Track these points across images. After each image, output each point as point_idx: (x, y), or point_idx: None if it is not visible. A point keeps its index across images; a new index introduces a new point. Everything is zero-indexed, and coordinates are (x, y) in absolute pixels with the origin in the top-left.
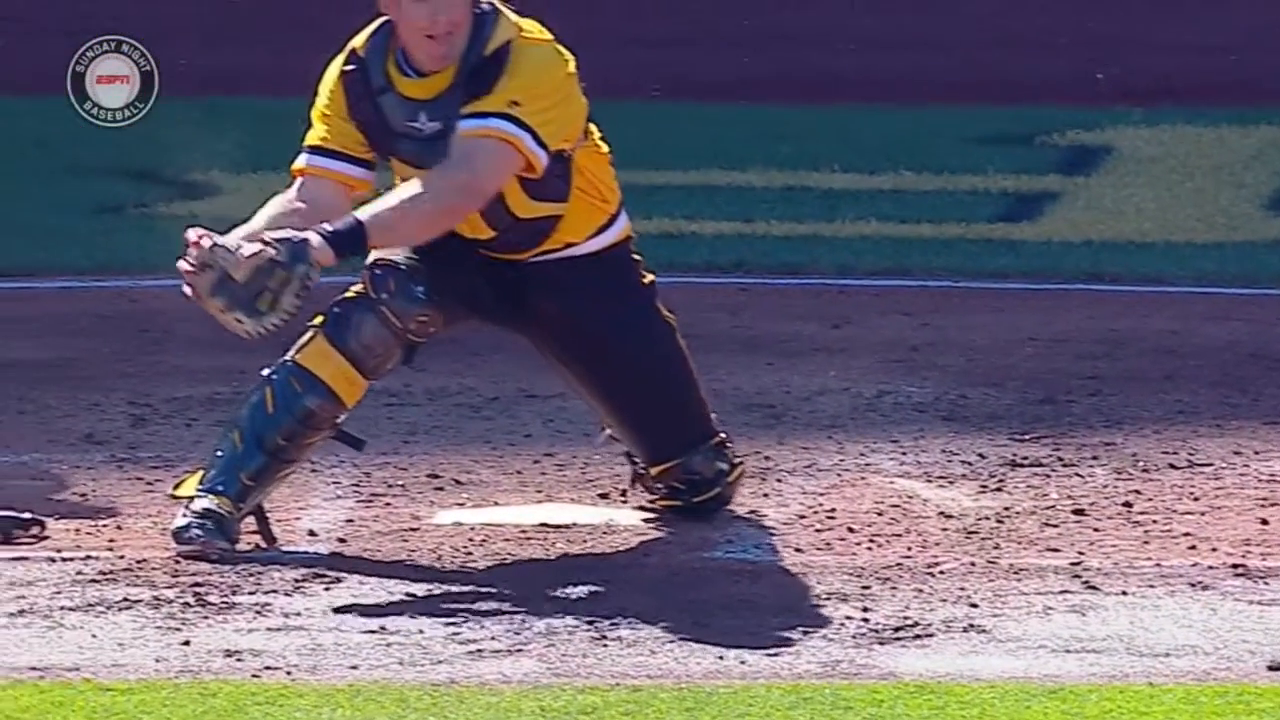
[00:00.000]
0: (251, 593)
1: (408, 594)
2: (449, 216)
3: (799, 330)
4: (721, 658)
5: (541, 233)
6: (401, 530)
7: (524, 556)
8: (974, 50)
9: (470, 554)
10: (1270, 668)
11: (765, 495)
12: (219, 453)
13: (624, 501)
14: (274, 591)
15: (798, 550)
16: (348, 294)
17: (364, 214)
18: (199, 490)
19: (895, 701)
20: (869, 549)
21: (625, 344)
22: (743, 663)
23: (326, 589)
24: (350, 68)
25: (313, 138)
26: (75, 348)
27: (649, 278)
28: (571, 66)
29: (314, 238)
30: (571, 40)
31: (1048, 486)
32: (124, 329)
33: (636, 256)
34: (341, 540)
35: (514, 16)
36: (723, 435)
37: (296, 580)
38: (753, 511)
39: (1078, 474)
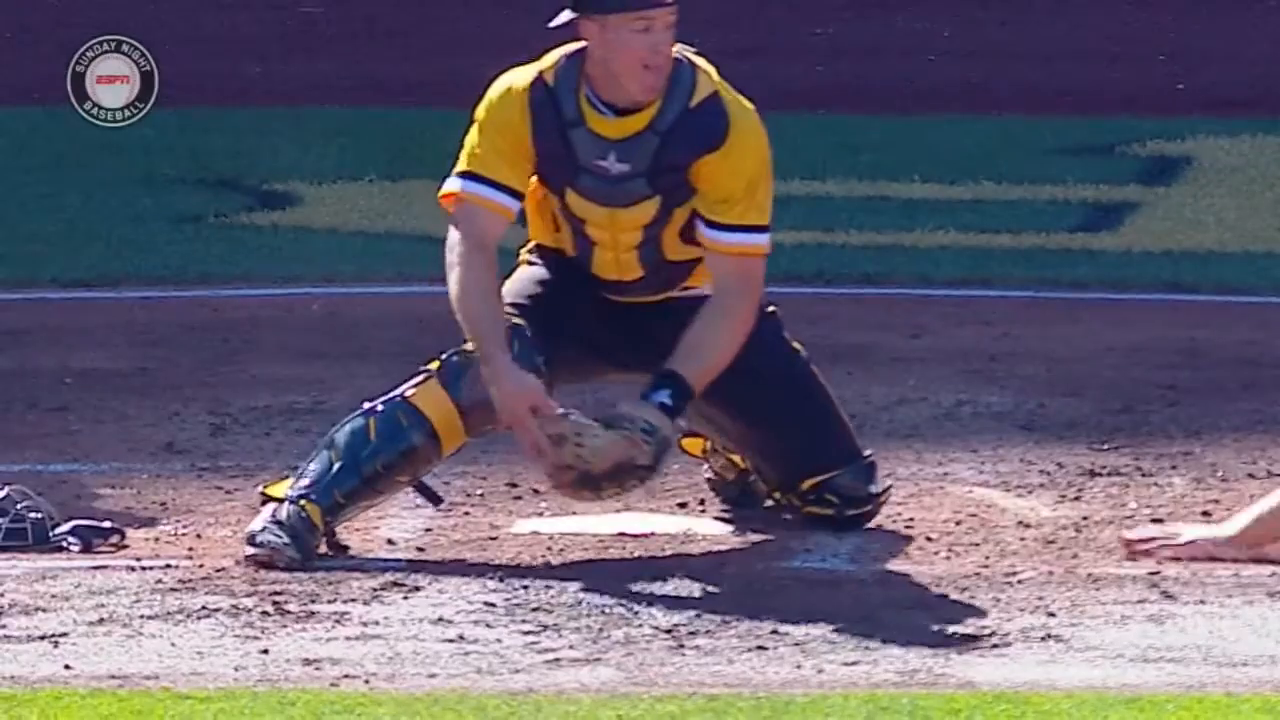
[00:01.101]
0: (330, 601)
1: (486, 603)
2: (741, 343)
3: (878, 340)
4: (799, 666)
5: (681, 274)
6: (480, 539)
7: (602, 565)
8: (1054, 60)
9: (548, 563)
10: None
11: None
12: (312, 467)
13: (702, 511)
14: (353, 600)
15: (875, 560)
16: (467, 346)
17: (686, 372)
18: (290, 494)
19: (973, 711)
20: (947, 558)
21: (767, 366)
22: (820, 671)
23: (405, 598)
24: (538, 95)
25: (477, 165)
26: (155, 357)
27: (771, 308)
28: None
29: (665, 423)
30: None
31: (1126, 496)
32: (204, 338)
33: None
34: (420, 549)
35: (705, 64)
36: (871, 456)
37: (375, 589)
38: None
39: (1156, 484)
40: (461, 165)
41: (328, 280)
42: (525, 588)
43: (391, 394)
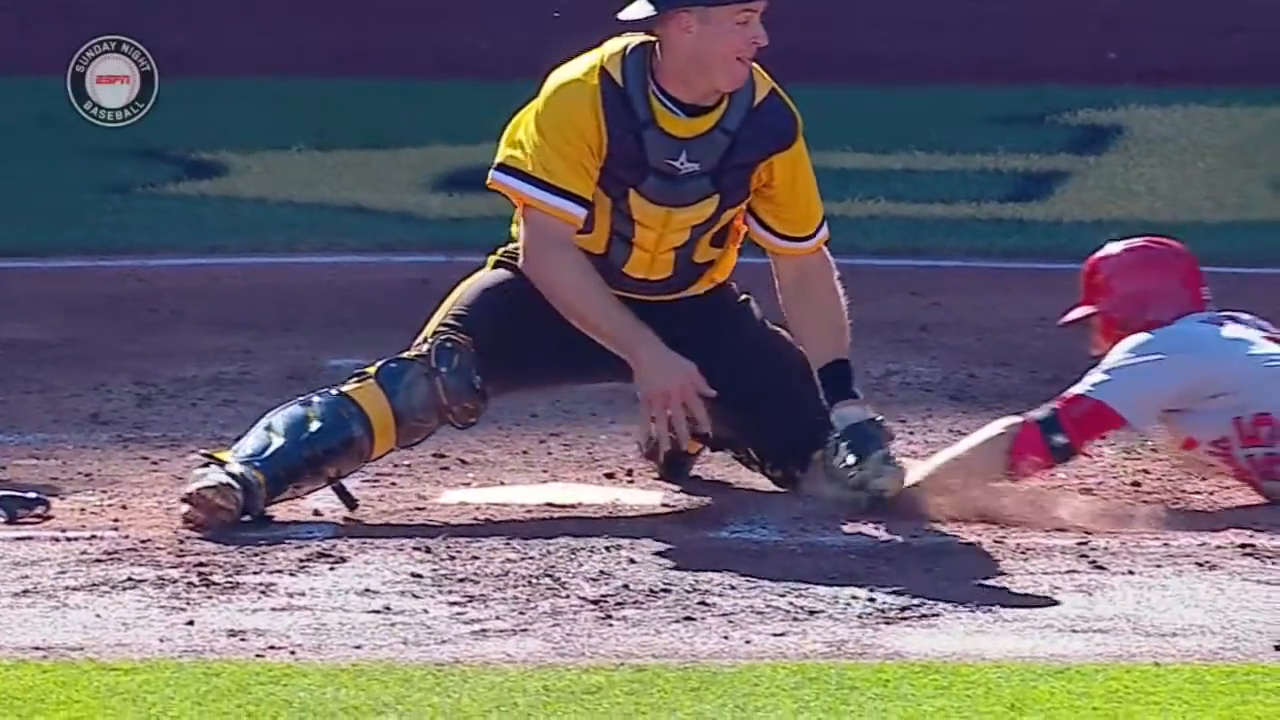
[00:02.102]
0: (256, 572)
1: (412, 574)
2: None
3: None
4: (727, 637)
5: (697, 276)
6: (407, 510)
7: (529, 536)
8: (985, 30)
9: (475, 534)
10: (1277, 647)
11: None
12: (250, 443)
13: (630, 482)
14: (278, 571)
15: (804, 530)
16: (405, 354)
17: (843, 353)
18: (233, 460)
19: (901, 681)
20: (876, 529)
21: (754, 352)
22: (748, 642)
23: (331, 569)
24: (610, 96)
25: (546, 173)
26: (81, 327)
27: (744, 296)
28: None
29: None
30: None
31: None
32: (131, 309)
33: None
34: (346, 520)
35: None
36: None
37: (301, 560)
38: (759, 490)
39: (1085, 454)
40: (528, 168)
41: (255, 250)
42: (452, 559)
43: (327, 390)
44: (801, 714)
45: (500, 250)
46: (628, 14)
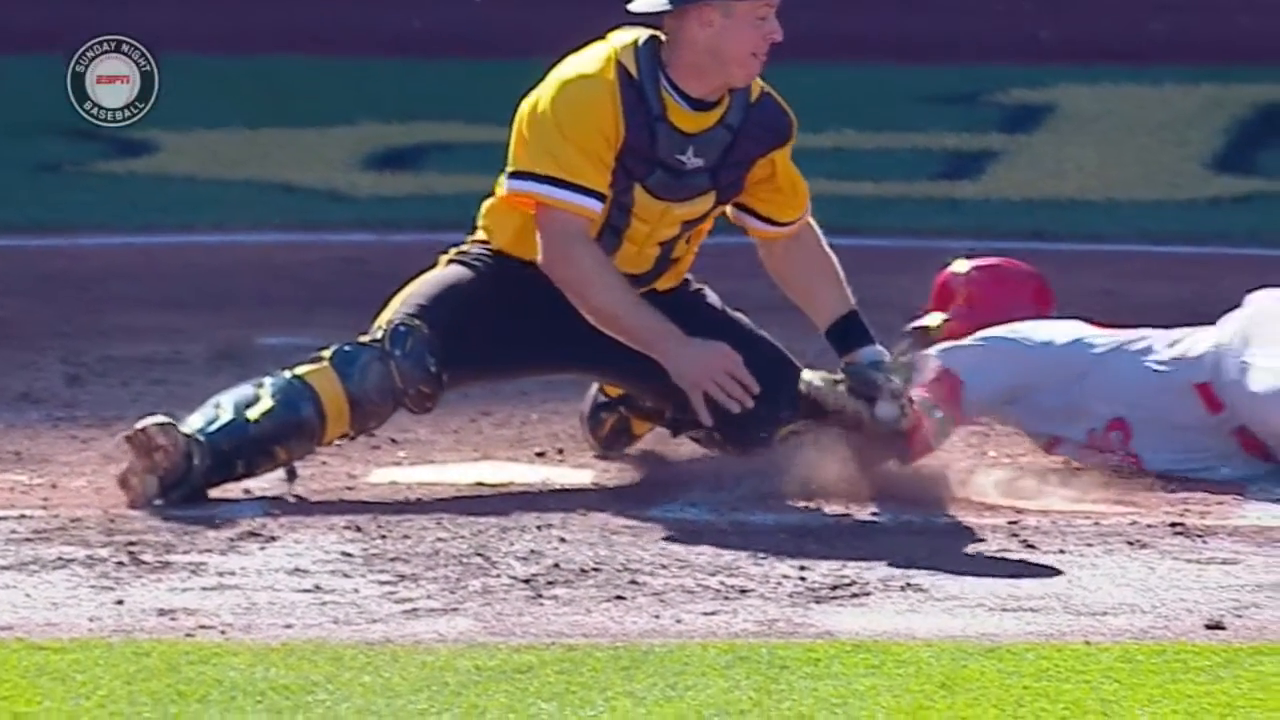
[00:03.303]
0: (186, 551)
1: (343, 553)
2: None
3: (742, 289)
4: (658, 616)
5: (669, 269)
6: (337, 489)
7: (460, 515)
8: (917, 9)
9: (406, 513)
10: (1207, 626)
11: (703, 452)
12: (196, 418)
13: (560, 461)
14: (209, 550)
15: (735, 509)
16: (360, 338)
17: (851, 303)
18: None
19: (832, 660)
20: (806, 508)
21: (730, 330)
22: (679, 621)
23: (261, 548)
24: (626, 88)
25: (564, 171)
26: (10, 306)
27: (697, 286)
28: None
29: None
30: None
31: (986, 445)
32: (61, 287)
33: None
34: (277, 499)
35: None
36: None
37: (231, 539)
38: (690, 470)
39: (1016, 432)
40: (544, 168)
41: (185, 229)
42: (383, 538)
43: (281, 372)
44: (732, 693)
45: (454, 250)
46: (646, 5)
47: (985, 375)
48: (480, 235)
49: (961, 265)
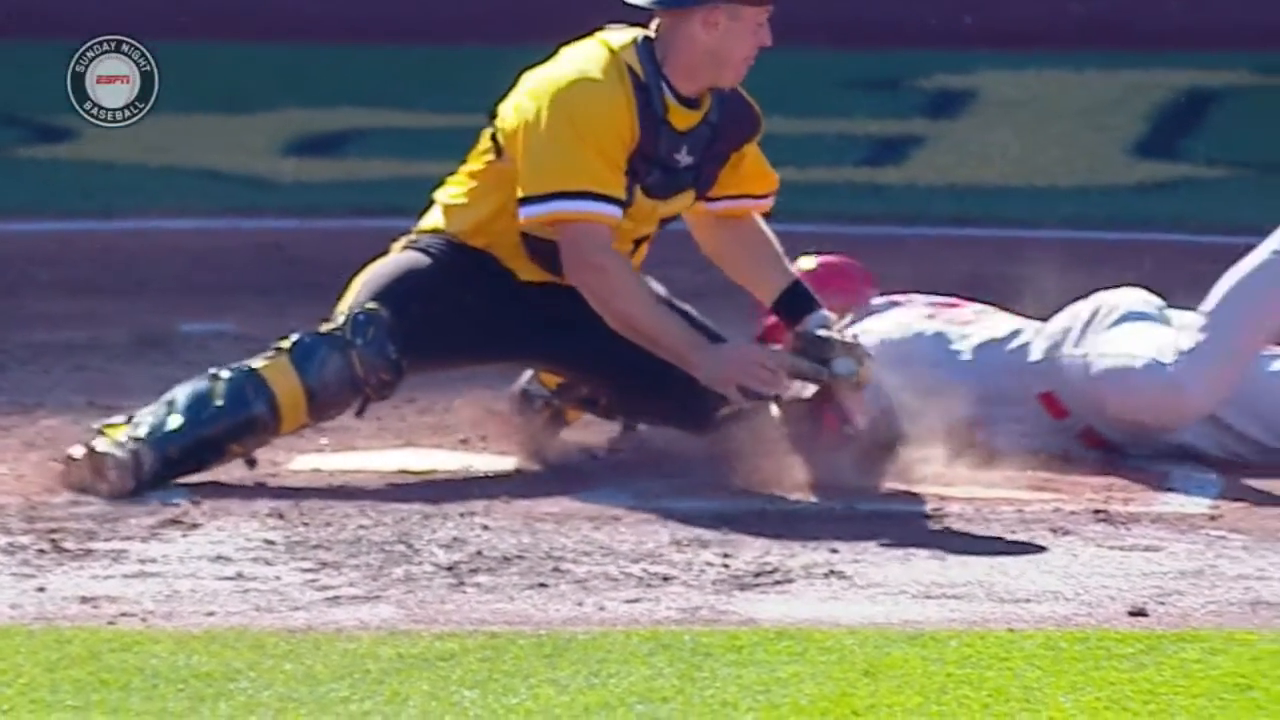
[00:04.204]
0: (108, 539)
1: (265, 540)
2: None
3: (666, 275)
4: (580, 604)
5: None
6: (259, 476)
7: (382, 502)
8: None
9: (329, 500)
10: (1130, 613)
11: (627, 442)
12: (148, 419)
13: (484, 448)
14: (130, 538)
15: (658, 496)
16: (321, 328)
17: (793, 274)
18: (124, 438)
19: (755, 648)
20: (730, 495)
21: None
22: (601, 609)
23: (183, 535)
24: (637, 90)
25: (590, 182)
26: None
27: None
28: None
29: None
30: None
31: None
32: None
33: None
34: (198, 486)
35: None
36: None
37: (153, 527)
38: (613, 457)
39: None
40: (564, 184)
41: (106, 215)
42: (305, 525)
43: (241, 363)
44: (655, 680)
45: (406, 237)
46: (661, 3)
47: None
48: (433, 224)
49: (809, 261)
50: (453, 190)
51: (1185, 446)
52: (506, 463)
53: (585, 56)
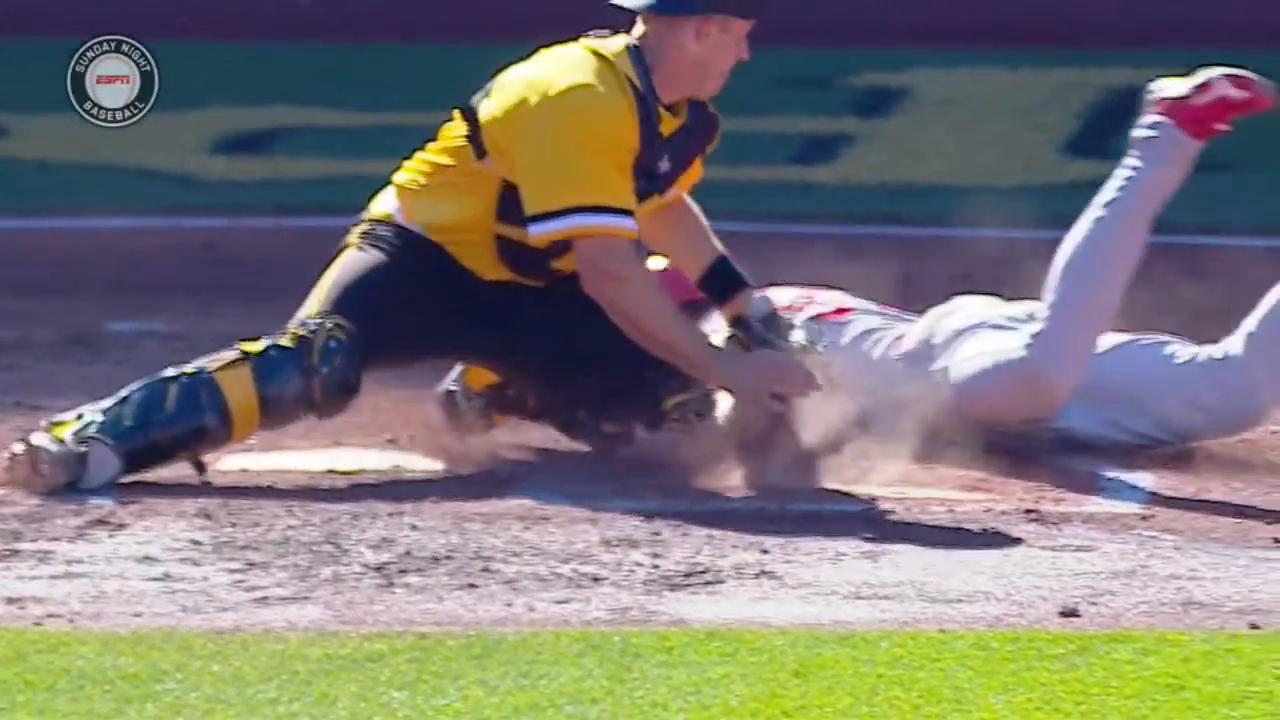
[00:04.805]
0: (34, 539)
1: (193, 541)
2: None
3: None
4: (510, 604)
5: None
6: (187, 476)
7: (310, 502)
8: None
9: (256, 500)
10: (1062, 613)
11: (556, 440)
12: (100, 418)
13: (412, 447)
14: (57, 539)
15: (588, 495)
16: (286, 340)
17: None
18: (69, 436)
19: (685, 649)
20: (660, 495)
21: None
22: (531, 609)
23: (110, 536)
24: (637, 101)
25: (608, 197)
26: None
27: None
28: None
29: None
30: None
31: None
32: None
33: None
34: (126, 486)
35: None
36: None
37: (80, 527)
38: (543, 456)
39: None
40: (580, 199)
41: (36, 213)
42: (233, 525)
43: (200, 365)
44: (585, 681)
45: (358, 231)
46: (636, 2)
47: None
48: (386, 212)
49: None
50: (418, 180)
51: (1086, 440)
52: (435, 462)
53: (582, 66)
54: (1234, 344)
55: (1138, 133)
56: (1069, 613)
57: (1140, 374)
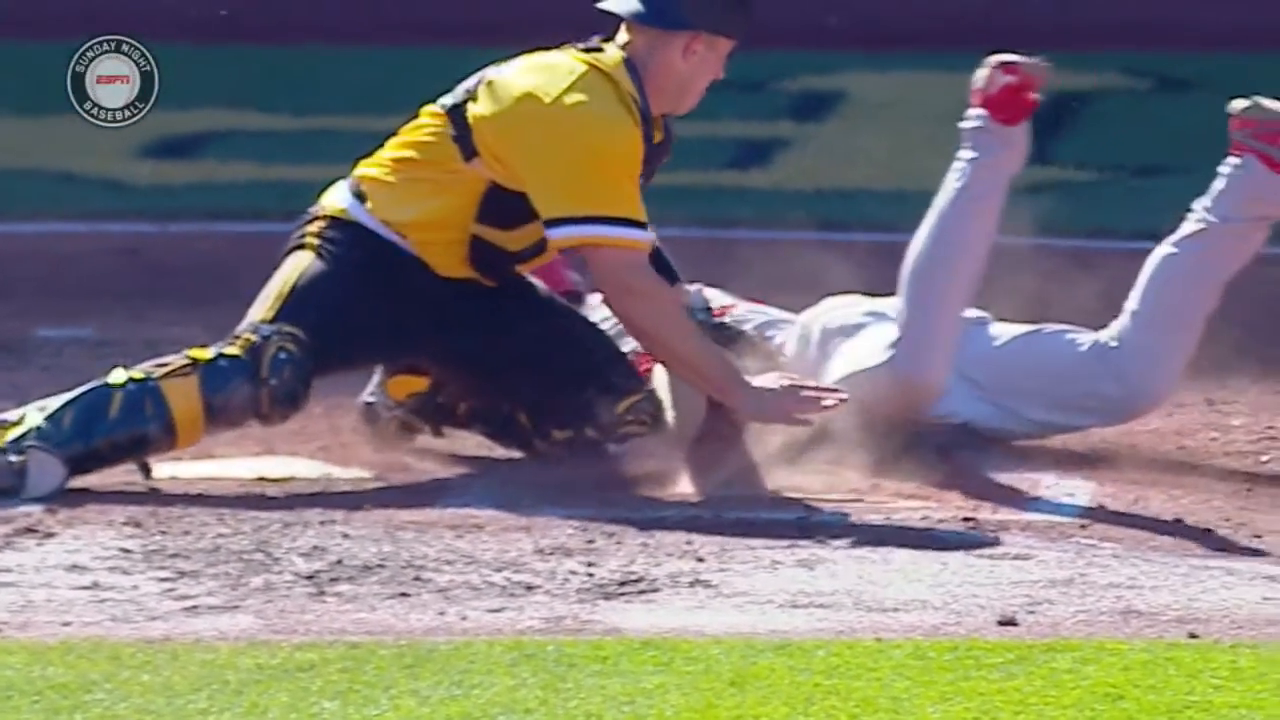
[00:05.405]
0: None
1: (122, 549)
2: None
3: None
4: (442, 613)
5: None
6: (116, 484)
7: (241, 511)
8: None
9: (186, 508)
10: (1000, 622)
11: (490, 448)
12: (44, 422)
13: (344, 454)
14: None
15: (521, 504)
16: (236, 348)
17: None
18: (9, 442)
19: (620, 658)
20: (595, 503)
21: (540, 313)
22: (464, 619)
23: (38, 544)
24: (640, 117)
25: (635, 210)
26: None
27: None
28: None
29: None
30: None
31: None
32: None
33: None
34: (54, 494)
35: None
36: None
37: (7, 535)
38: (475, 465)
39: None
40: (610, 210)
41: None
42: (163, 534)
43: (150, 370)
44: (518, 691)
45: (310, 231)
46: (626, 9)
47: None
48: (342, 207)
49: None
50: (386, 176)
51: (986, 433)
52: (366, 471)
53: (591, 84)
54: (1123, 326)
55: (963, 125)
56: (1007, 621)
57: (1040, 364)
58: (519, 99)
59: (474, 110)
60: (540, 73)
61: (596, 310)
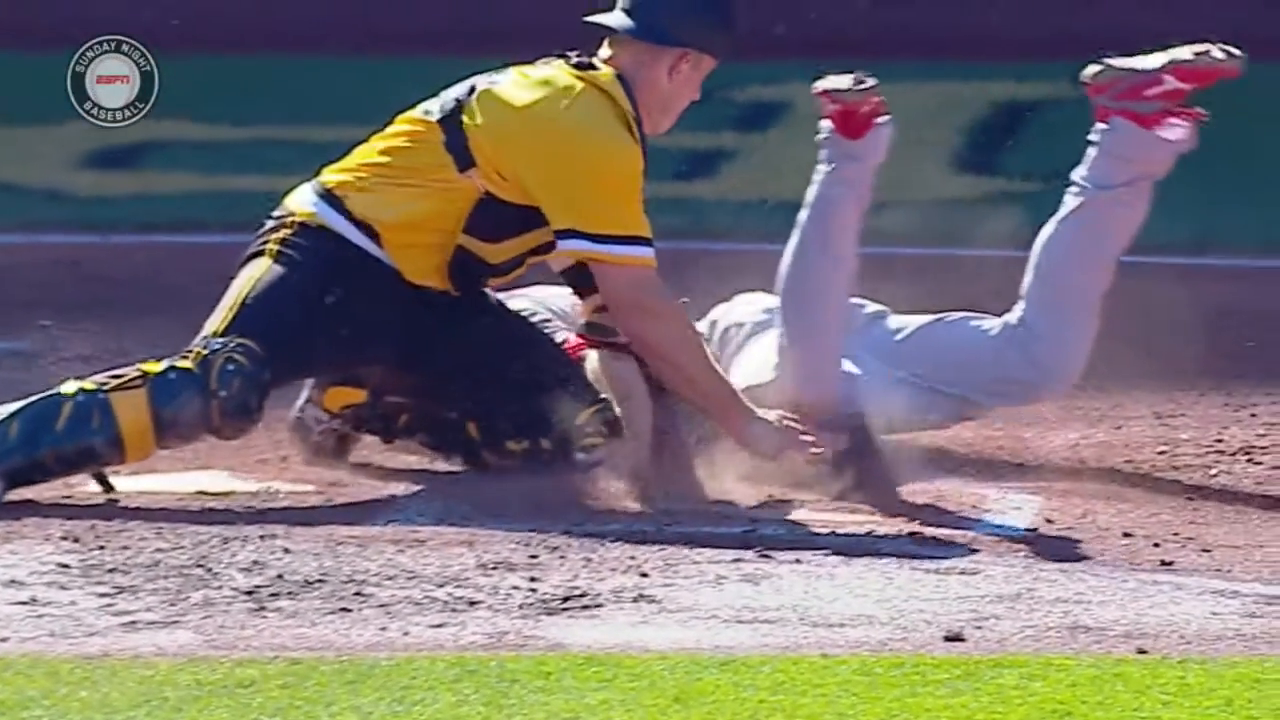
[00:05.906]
0: None
1: (60, 564)
2: None
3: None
4: (384, 629)
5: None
6: (54, 498)
7: (180, 525)
8: None
9: (125, 522)
10: (946, 638)
11: (431, 461)
12: None
13: (284, 469)
14: None
15: (464, 518)
16: (188, 361)
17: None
18: None
19: (563, 674)
20: (536, 516)
21: (497, 325)
22: (406, 634)
23: None
24: (639, 136)
25: (645, 227)
26: None
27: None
28: None
29: None
30: None
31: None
32: None
33: None
34: None
35: None
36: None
37: None
38: (416, 479)
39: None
40: (624, 229)
41: None
42: (101, 548)
43: (102, 382)
44: (461, 707)
45: (274, 237)
46: (619, 23)
47: None
48: (311, 210)
49: None
50: (363, 179)
51: (899, 425)
52: (306, 485)
53: (592, 104)
54: (1022, 310)
55: (819, 136)
56: (954, 637)
57: (947, 353)
58: (520, 115)
59: (470, 122)
60: (538, 89)
61: (518, 299)
